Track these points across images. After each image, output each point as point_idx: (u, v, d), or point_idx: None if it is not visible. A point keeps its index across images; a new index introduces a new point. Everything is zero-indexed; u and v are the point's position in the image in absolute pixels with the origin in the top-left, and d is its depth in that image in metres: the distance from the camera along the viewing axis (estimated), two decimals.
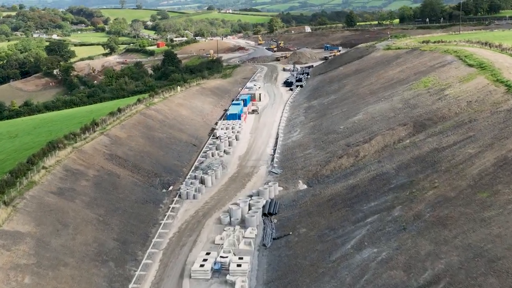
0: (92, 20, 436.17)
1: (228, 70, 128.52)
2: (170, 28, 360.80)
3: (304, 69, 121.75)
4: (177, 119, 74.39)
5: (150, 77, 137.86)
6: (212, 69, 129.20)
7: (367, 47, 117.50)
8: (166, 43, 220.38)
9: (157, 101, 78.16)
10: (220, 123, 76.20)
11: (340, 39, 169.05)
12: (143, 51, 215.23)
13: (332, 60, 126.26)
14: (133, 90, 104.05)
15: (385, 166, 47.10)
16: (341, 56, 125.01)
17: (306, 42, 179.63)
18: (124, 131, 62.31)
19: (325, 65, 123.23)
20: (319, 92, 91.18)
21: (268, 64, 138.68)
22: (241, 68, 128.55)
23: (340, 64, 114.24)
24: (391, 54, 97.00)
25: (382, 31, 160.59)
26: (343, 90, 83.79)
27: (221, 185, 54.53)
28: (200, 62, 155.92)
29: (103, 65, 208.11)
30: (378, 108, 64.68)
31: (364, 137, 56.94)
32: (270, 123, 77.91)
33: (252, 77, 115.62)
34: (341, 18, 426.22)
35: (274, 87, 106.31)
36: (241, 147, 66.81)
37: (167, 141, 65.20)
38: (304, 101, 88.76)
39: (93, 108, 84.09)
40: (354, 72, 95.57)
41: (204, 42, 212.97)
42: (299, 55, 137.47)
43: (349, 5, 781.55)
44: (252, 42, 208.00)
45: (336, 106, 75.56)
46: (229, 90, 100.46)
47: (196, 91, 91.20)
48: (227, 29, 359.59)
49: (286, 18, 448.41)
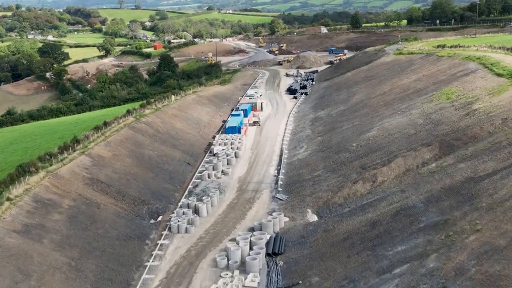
0: (89, 21, 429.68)
1: (227, 75, 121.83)
2: (168, 29, 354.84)
3: (309, 75, 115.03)
4: (170, 133, 67.61)
5: (145, 82, 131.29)
6: (211, 74, 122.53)
7: (376, 51, 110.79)
8: (163, 45, 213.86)
9: (149, 112, 71.41)
10: (218, 138, 69.45)
11: (345, 42, 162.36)
12: (140, 53, 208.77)
13: (338, 64, 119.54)
14: (124, 98, 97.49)
15: (410, 198, 40.31)
16: (348, 60, 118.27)
17: (309, 45, 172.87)
18: (109, 149, 55.55)
19: (330, 70, 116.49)
20: (326, 101, 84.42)
21: (270, 68, 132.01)
22: (241, 73, 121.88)
23: (347, 69, 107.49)
24: (403, 59, 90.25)
25: (390, 33, 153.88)
26: (353, 100, 77.00)
27: (218, 215, 47.74)
28: (198, 66, 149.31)
29: (97, 68, 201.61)
30: (395, 123, 57.87)
31: (382, 158, 50.17)
32: (273, 137, 71.15)
33: (253, 83, 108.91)
34: (344, 18, 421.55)
35: (276, 94, 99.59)
36: (241, 166, 60.05)
37: (158, 160, 58.42)
38: (310, 111, 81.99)
39: (79, 119, 77.38)
40: (364, 79, 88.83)
41: (203, 44, 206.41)
42: (303, 59, 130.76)
43: (350, 5, 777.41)
44: (253, 44, 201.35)
45: (346, 119, 68.74)
46: (229, 98, 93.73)
47: (192, 100, 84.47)
48: (227, 30, 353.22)
49: (287, 19, 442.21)
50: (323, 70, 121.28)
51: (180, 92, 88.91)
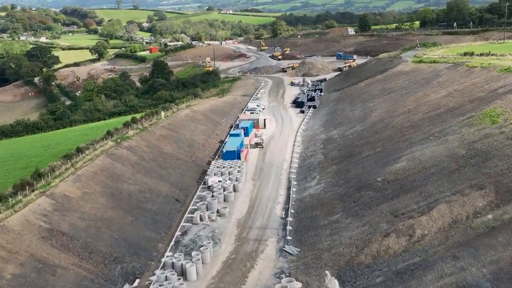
0: (84, 22, 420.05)
1: (226, 84, 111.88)
2: (166, 30, 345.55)
3: (316, 84, 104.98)
4: (157, 160, 57.58)
5: (136, 90, 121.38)
6: (208, 83, 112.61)
7: (391, 58, 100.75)
8: (159, 48, 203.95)
9: (133, 134, 61.37)
10: (213, 165, 59.36)
11: (353, 46, 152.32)
12: (134, 57, 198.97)
13: (348, 72, 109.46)
14: (110, 111, 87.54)
15: (468, 270, 30.21)
16: (359, 68, 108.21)
17: (314, 49, 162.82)
18: (78, 186, 45.54)
19: (340, 79, 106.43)
20: (339, 118, 74.33)
21: (273, 76, 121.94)
22: (241, 81, 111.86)
23: (359, 78, 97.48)
24: (425, 69, 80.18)
25: (402, 37, 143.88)
26: (371, 118, 66.91)
27: (211, 277, 37.70)
28: (195, 72, 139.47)
29: (89, 73, 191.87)
30: (429, 153, 47.73)
31: (418, 202, 40.10)
32: (279, 163, 61.12)
33: (254, 94, 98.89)
34: (347, 19, 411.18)
35: (281, 107, 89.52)
36: (241, 204, 50.01)
37: (139, 198, 48.38)
38: (321, 130, 71.91)
39: (52, 141, 67.36)
40: (381, 91, 78.77)
41: (201, 48, 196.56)
42: (309, 66, 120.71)
43: (351, 5, 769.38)
44: (254, 48, 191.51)
45: (366, 143, 58.66)
46: (227, 112, 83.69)
47: (186, 116, 74.42)
48: (226, 32, 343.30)
49: (289, 19, 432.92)
50: (332, 78, 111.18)
51: (172, 106, 78.85)
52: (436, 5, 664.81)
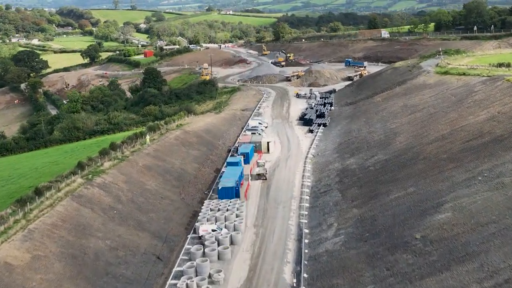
0: (79, 23, 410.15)
1: (224, 95, 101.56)
2: (164, 31, 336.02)
3: (325, 96, 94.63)
4: (137, 200, 47.26)
5: (126, 101, 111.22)
6: (204, 94, 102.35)
7: (409, 67, 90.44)
8: (154, 52, 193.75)
9: (110, 165, 51.09)
10: (206, 206, 48.99)
11: (362, 51, 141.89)
12: (127, 61, 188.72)
13: (360, 83, 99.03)
14: (91, 130, 77.25)
15: None
16: (373, 77, 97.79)
17: (320, 54, 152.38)
18: (28, 247, 35.27)
19: (352, 90, 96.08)
20: (355, 141, 63.94)
21: (276, 86, 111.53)
22: (241, 92, 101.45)
23: (374, 90, 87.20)
24: (453, 82, 69.84)
25: (416, 41, 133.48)
26: (395, 144, 56.55)
27: None
28: (190, 79, 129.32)
29: (79, 79, 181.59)
30: (482, 201, 37.34)
31: (481, 282, 29.78)
32: (286, 201, 50.81)
33: (256, 108, 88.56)
34: (350, 20, 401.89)
35: (286, 125, 79.15)
36: (240, 264, 39.66)
37: (109, 258, 38.05)
38: (334, 156, 61.55)
39: (16, 171, 57.13)
40: (403, 109, 68.38)
41: (199, 52, 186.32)
42: (316, 75, 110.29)
43: (353, 5, 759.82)
44: (255, 52, 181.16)
45: (393, 179, 48.32)
46: (225, 132, 73.39)
47: (175, 140, 64.11)
48: (226, 34, 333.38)
49: (291, 20, 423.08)
50: (342, 89, 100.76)
51: (160, 125, 68.61)
52: (439, 5, 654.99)
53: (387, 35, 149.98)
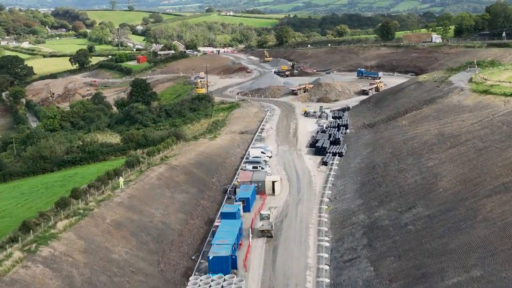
0: (73, 25, 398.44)
1: (221, 112, 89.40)
2: (161, 34, 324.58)
3: (338, 115, 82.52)
4: (96, 281, 35.06)
5: (110, 117, 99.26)
6: (198, 111, 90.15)
7: (437, 82, 78.41)
8: (148, 58, 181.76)
9: (64, 226, 38.97)
10: (193, 283, 36.81)
11: (375, 59, 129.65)
12: (118, 68, 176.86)
13: (379, 99, 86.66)
14: (61, 159, 65.22)
15: None
16: (393, 93, 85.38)
17: (328, 62, 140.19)
18: None
19: (369, 108, 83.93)
20: (383, 182, 51.69)
21: (280, 100, 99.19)
22: (241, 110, 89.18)
23: (396, 109, 75.04)
24: (500, 105, 57.70)
25: (436, 48, 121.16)
26: (439, 193, 44.29)
27: None
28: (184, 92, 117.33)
29: (66, 87, 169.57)
30: None
31: None
32: (299, 274, 38.63)
33: (258, 130, 76.41)
34: (355, 22, 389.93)
35: (294, 154, 66.86)
36: None
37: None
38: (358, 203, 49.33)
39: None
40: (439, 139, 56.13)
41: (196, 58, 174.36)
42: (326, 88, 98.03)
43: (354, 5, 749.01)
44: (256, 58, 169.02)
45: (445, 250, 36.01)
46: (220, 165, 61.24)
47: (158, 179, 52.01)
48: (226, 37, 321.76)
49: (293, 22, 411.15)
50: (357, 106, 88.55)
51: (142, 159, 56.61)
52: (442, 5, 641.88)
53: (439, 39, 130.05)
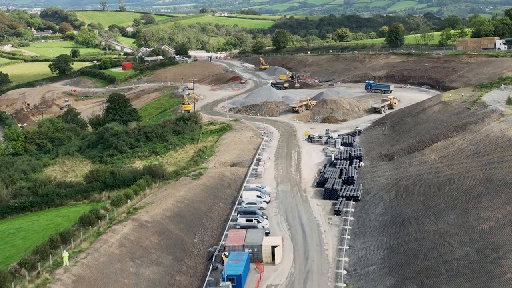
0: (60, 26, 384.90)
1: (210, 136, 76.83)
2: (151, 36, 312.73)
3: (348, 142, 70.11)
4: None
5: (82, 139, 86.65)
6: (183, 134, 77.50)
7: (467, 103, 66.26)
8: (133, 65, 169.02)
9: None
10: None
11: (383, 68, 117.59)
12: (101, 76, 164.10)
13: (395, 121, 74.02)
14: (6, 205, 52.75)
15: None
16: (413, 115, 72.57)
17: (331, 71, 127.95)
18: None
19: (384, 133, 71.55)
20: (420, 251, 39.25)
21: (279, 120, 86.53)
22: (233, 133, 76.37)
23: (419, 137, 62.75)
24: None
25: (453, 57, 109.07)
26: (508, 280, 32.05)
27: None
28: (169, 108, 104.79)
29: (43, 97, 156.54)
30: None
31: None
32: None
33: (252, 161, 63.98)
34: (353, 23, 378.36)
35: (298, 198, 54.18)
36: None
37: None
38: (386, 279, 36.98)
39: None
40: (487, 186, 43.81)
41: (185, 65, 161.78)
42: (331, 106, 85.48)
43: (351, 5, 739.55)
44: (251, 66, 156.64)
45: None
46: (204, 217, 48.69)
47: (119, 246, 39.45)
48: (219, 40, 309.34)
49: (289, 23, 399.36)
50: (370, 129, 76.16)
51: (104, 210, 44.15)
52: (439, 5, 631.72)
53: (503, 47, 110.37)
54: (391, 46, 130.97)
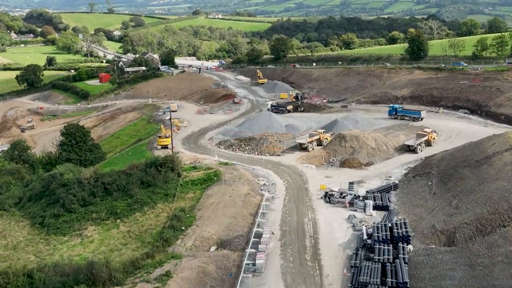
0: (42, 29, 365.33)
1: (191, 190, 57.03)
2: (139, 41, 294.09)
3: (383, 205, 50.74)
4: None
5: (25, 187, 67.00)
6: (155, 188, 57.83)
7: None
8: (111, 77, 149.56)
9: None
10: None
11: (407, 86, 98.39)
12: (74, 90, 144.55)
13: (445, 174, 54.16)
14: None
15: None
16: (472, 165, 52.86)
17: (341, 88, 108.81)
18: None
19: (433, 191, 51.98)
20: None
21: (283, 163, 66.38)
22: (221, 187, 55.96)
23: (491, 205, 43.65)
24: None
25: (496, 74, 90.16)
26: None
27: None
28: (145, 137, 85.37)
29: (4, 115, 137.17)
30: None
31: None
32: None
33: (247, 238, 44.67)
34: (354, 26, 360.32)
35: None
36: None
37: None
38: None
39: None
40: None
41: (171, 78, 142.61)
42: (352, 143, 65.77)
43: (347, 6, 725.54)
44: (247, 79, 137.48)
45: None
46: None
47: None
48: (212, 44, 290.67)
49: (286, 26, 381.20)
50: (408, 182, 56.32)
51: None
52: (437, 6, 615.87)
53: None
54: (412, 57, 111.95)
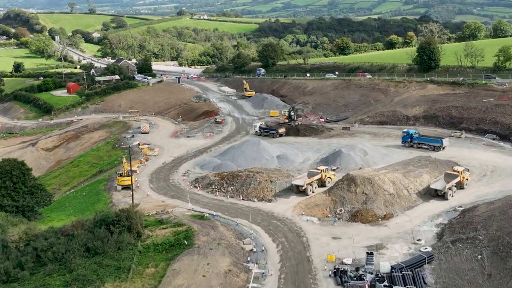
0: (15, 31, 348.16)
1: (152, 261, 42.22)
2: (119, 43, 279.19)
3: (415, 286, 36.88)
4: None
5: None
6: (103, 257, 43.12)
7: None
8: (80, 88, 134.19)
9: None
10: None
11: (419, 104, 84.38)
12: (35, 103, 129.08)
13: (500, 242, 40.25)
14: None
15: None
16: None
17: (340, 104, 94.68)
18: None
19: (488, 276, 38.21)
20: None
21: (276, 215, 51.14)
22: (191, 259, 40.66)
23: None
24: None
25: None
26: None
27: None
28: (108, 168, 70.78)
29: None
30: None
31: None
32: None
33: None
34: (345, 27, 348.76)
35: None
36: None
37: None
38: None
39: None
40: None
41: (147, 89, 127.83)
42: (364, 188, 50.81)
43: (335, 6, 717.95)
44: (232, 90, 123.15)
45: None
46: None
47: None
48: (196, 48, 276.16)
49: (274, 27, 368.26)
50: (445, 250, 42.25)
51: None
52: (426, 6, 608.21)
53: None
54: (422, 68, 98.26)
